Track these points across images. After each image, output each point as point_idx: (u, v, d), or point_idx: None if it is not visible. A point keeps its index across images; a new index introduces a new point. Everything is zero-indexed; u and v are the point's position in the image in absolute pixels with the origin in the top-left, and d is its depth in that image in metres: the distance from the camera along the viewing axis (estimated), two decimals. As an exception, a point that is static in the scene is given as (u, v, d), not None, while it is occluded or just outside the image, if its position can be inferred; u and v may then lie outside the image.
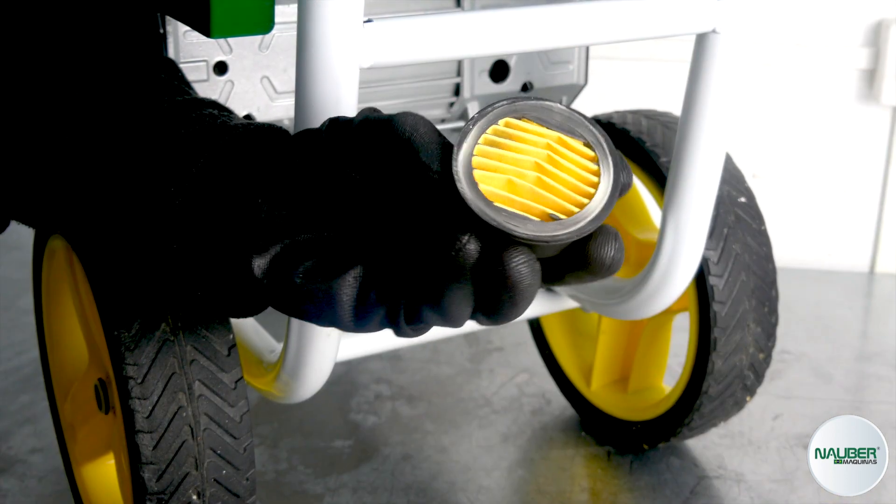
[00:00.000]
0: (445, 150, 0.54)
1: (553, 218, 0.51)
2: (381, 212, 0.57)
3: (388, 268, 0.55)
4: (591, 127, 0.53)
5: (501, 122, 0.53)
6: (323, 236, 0.58)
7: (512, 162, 0.52)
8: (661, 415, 1.27)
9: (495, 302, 0.52)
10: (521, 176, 0.52)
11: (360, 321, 0.56)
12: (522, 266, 0.51)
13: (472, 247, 0.51)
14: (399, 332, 0.57)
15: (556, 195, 0.52)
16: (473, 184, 0.51)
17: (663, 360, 1.33)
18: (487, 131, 0.53)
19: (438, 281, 0.52)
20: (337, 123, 0.58)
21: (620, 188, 0.54)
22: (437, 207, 0.53)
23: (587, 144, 0.53)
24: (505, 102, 0.53)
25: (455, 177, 0.51)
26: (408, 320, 0.55)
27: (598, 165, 0.53)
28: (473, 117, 0.53)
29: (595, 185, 0.52)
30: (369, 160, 0.56)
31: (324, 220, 0.58)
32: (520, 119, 0.53)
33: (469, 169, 0.52)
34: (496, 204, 0.51)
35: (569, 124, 0.53)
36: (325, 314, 0.56)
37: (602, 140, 0.53)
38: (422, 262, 0.54)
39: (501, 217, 0.51)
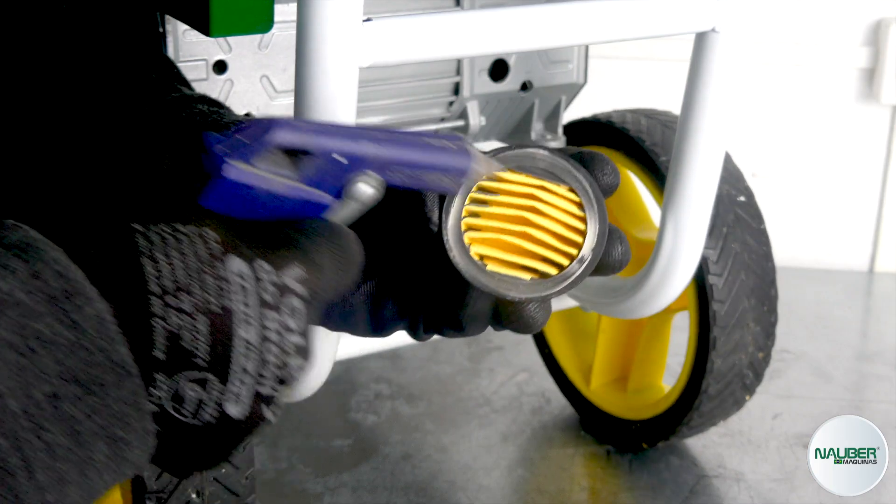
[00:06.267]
0: (442, 201, 0.54)
1: (545, 274, 0.53)
2: (387, 238, 0.56)
3: (404, 284, 0.55)
4: (575, 172, 0.53)
5: (485, 176, 0.53)
6: None
7: (498, 218, 0.53)
8: (661, 414, 1.27)
9: (513, 328, 0.55)
10: (509, 232, 0.53)
11: (377, 332, 0.57)
12: (535, 312, 0.54)
13: (482, 304, 0.54)
14: (416, 339, 0.58)
15: (544, 248, 0.53)
16: (464, 249, 0.52)
17: (663, 359, 1.33)
18: (473, 189, 0.53)
19: (457, 314, 0.54)
20: None
21: (606, 191, 0.54)
22: (442, 252, 0.53)
23: (572, 190, 0.53)
24: (487, 156, 0.53)
25: (446, 244, 0.52)
26: (427, 333, 0.57)
27: (584, 211, 0.53)
28: None
29: (582, 233, 0.53)
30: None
31: None
32: (503, 170, 0.53)
33: (458, 234, 0.53)
34: (488, 268, 0.52)
35: (552, 170, 0.53)
36: (340, 326, 0.57)
37: (586, 184, 0.53)
38: (438, 293, 0.55)
39: (493, 282, 0.52)
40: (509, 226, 0.53)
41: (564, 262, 0.53)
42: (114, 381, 0.41)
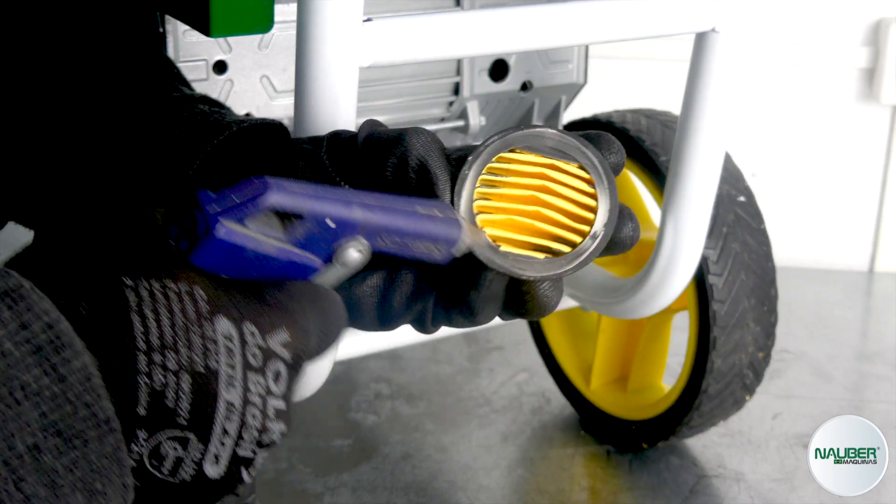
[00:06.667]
0: (453, 185, 0.54)
1: (558, 253, 0.53)
2: None
3: (413, 272, 0.55)
4: (584, 149, 0.53)
5: (495, 158, 0.53)
6: None
7: (510, 199, 0.53)
8: (661, 414, 1.27)
9: (525, 312, 0.55)
10: (521, 213, 0.53)
11: (384, 324, 0.56)
12: (549, 291, 0.54)
13: (496, 286, 0.53)
14: (423, 331, 0.58)
15: (556, 226, 0.53)
16: (478, 230, 0.52)
17: (663, 359, 1.33)
18: (483, 172, 0.53)
19: (470, 297, 0.54)
20: (338, 140, 0.57)
21: (614, 170, 0.55)
22: None
23: (582, 167, 0.53)
24: (496, 137, 0.54)
25: None
26: (435, 322, 0.56)
27: (595, 188, 0.53)
28: (468, 160, 0.53)
29: (593, 209, 0.53)
30: (377, 181, 0.55)
31: None
32: (511, 151, 0.53)
33: (471, 216, 0.53)
34: (502, 248, 0.52)
35: (561, 148, 0.53)
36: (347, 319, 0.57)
37: (596, 161, 0.53)
38: (450, 276, 0.55)
39: (508, 262, 0.52)
40: (521, 206, 0.53)
41: (577, 239, 0.53)
42: (96, 436, 0.41)
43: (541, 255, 0.53)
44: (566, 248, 0.53)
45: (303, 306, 0.47)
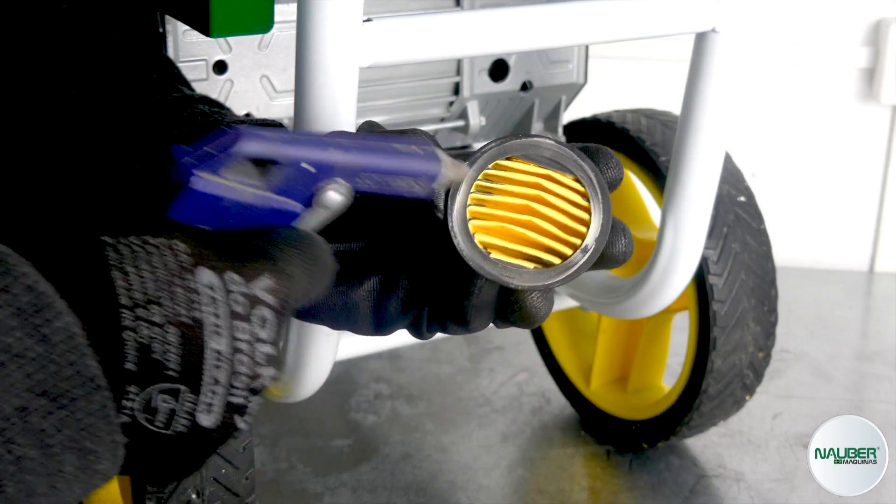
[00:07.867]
0: (447, 189, 0.54)
1: (548, 264, 0.53)
2: (392, 229, 0.56)
3: (409, 278, 0.55)
4: (581, 162, 0.54)
5: (491, 165, 0.53)
6: (337, 248, 0.57)
7: (504, 207, 0.53)
8: (661, 414, 1.27)
9: (514, 321, 0.56)
10: (514, 221, 0.53)
11: (380, 328, 0.57)
12: (537, 301, 0.54)
13: (487, 294, 0.54)
14: (419, 337, 0.58)
15: (548, 237, 0.53)
16: (469, 236, 0.53)
17: (663, 359, 1.33)
18: (479, 178, 0.53)
19: (462, 304, 0.54)
20: None
21: (610, 185, 0.55)
22: (448, 240, 0.54)
23: (577, 180, 0.53)
24: (494, 144, 0.54)
25: (451, 232, 0.52)
26: (430, 329, 0.57)
27: (589, 201, 0.53)
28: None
29: (586, 223, 0.53)
30: None
31: (334, 232, 0.57)
32: (508, 159, 0.53)
33: (464, 221, 0.53)
34: (492, 255, 0.53)
35: (558, 160, 0.54)
36: (342, 323, 0.57)
37: (592, 175, 0.54)
38: (444, 284, 0.55)
39: (497, 270, 0.52)
40: (514, 215, 0.53)
41: (568, 251, 0.53)
42: (83, 395, 0.41)
43: (530, 265, 0.53)
44: (556, 260, 0.53)
45: (285, 251, 0.47)
